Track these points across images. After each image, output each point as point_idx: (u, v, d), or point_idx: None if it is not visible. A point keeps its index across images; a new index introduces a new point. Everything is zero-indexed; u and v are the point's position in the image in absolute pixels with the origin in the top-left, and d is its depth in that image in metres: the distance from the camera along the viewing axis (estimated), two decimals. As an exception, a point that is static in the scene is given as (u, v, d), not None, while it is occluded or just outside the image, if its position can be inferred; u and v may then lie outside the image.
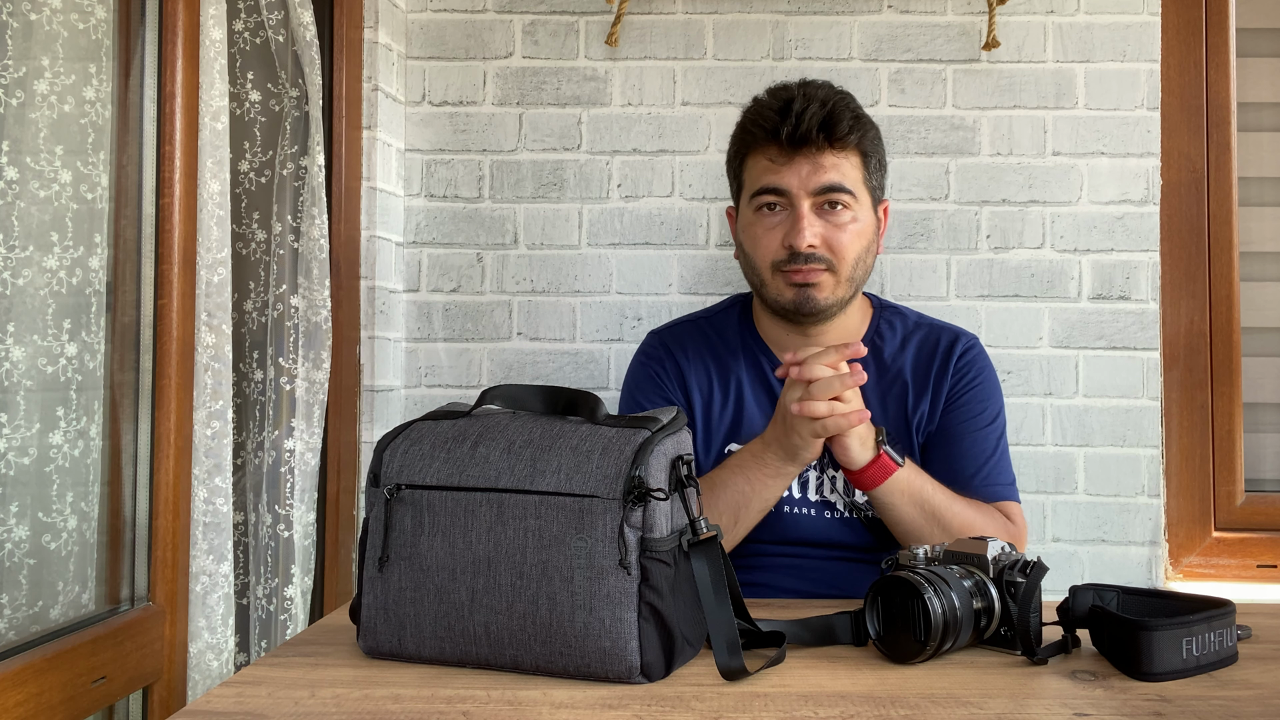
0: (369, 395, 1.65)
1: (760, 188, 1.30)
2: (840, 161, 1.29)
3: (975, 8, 1.76)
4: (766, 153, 1.30)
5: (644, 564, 0.84)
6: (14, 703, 0.92)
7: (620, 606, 0.83)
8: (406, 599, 0.89)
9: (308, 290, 1.42)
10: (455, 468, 0.90)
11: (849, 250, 1.29)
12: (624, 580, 0.83)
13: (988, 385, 1.38)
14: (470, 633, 0.87)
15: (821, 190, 1.28)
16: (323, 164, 1.44)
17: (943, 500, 1.23)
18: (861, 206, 1.31)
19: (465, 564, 0.87)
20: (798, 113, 1.27)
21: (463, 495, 0.88)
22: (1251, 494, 1.81)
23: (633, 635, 0.83)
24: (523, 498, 0.86)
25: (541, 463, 0.87)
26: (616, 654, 0.83)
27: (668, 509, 0.86)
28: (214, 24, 1.22)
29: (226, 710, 0.76)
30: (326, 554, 1.56)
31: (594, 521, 0.84)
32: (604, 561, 0.83)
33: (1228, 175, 1.81)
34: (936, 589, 0.87)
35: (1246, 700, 0.78)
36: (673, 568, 0.85)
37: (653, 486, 0.84)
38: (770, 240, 1.30)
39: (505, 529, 0.86)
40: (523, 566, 0.85)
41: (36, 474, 1.04)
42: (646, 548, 0.84)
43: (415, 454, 0.92)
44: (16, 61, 1.01)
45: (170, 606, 1.17)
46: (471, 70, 1.79)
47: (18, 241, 1.01)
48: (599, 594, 0.83)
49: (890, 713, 0.75)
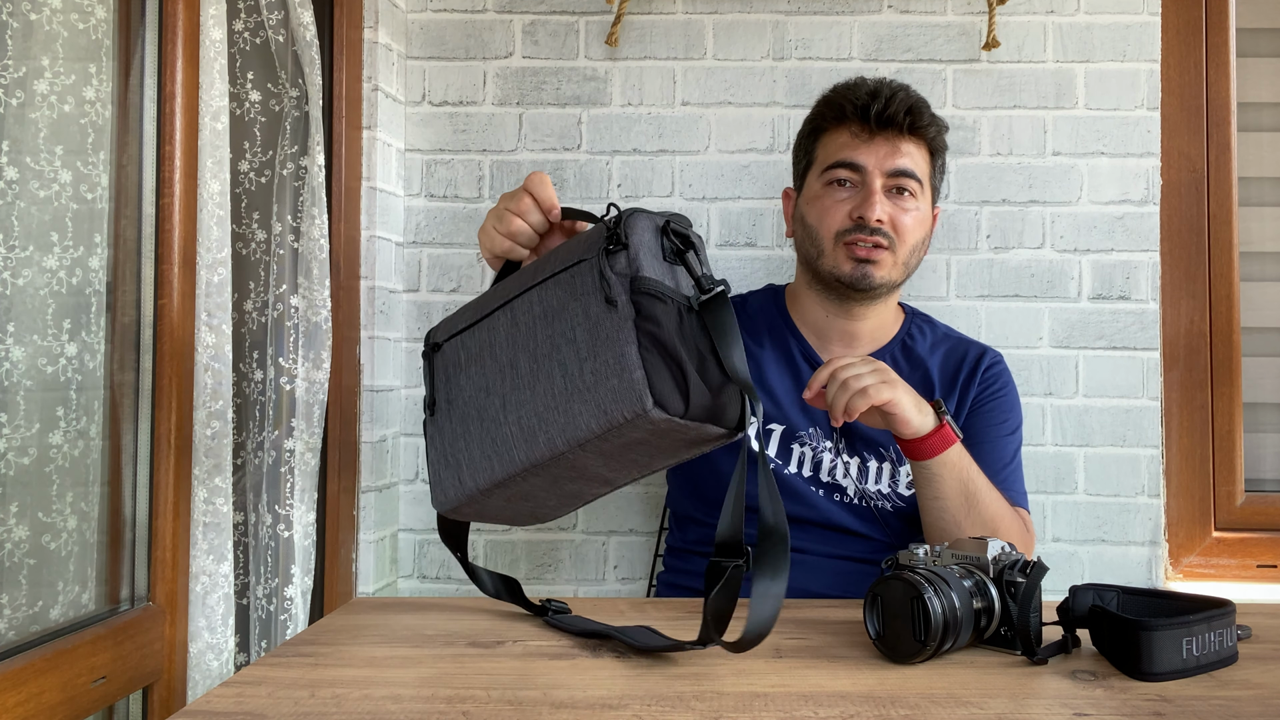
0: (369, 395, 1.65)
1: (837, 161, 1.35)
2: (915, 151, 1.35)
3: (975, 8, 1.76)
4: (849, 128, 1.35)
5: (635, 301, 0.82)
6: (14, 703, 0.92)
7: (620, 343, 0.82)
8: (457, 435, 0.94)
9: (308, 290, 1.42)
10: (474, 310, 0.96)
11: (911, 234, 1.35)
12: (616, 318, 0.82)
13: (1011, 398, 1.42)
14: (508, 437, 0.89)
15: (895, 173, 1.34)
16: (323, 164, 1.44)
17: (983, 485, 1.23)
18: (924, 198, 1.37)
19: (494, 376, 0.91)
20: (888, 96, 1.33)
21: (481, 324, 0.94)
22: (1251, 494, 1.81)
23: (636, 365, 0.81)
24: (529, 294, 0.90)
25: (543, 266, 0.91)
26: (625, 390, 0.81)
27: (660, 264, 0.84)
28: (214, 24, 1.22)
29: (226, 710, 0.76)
30: (326, 554, 1.56)
31: (585, 279, 0.85)
32: (597, 310, 0.83)
33: (1228, 175, 1.81)
34: (936, 589, 0.87)
35: (1246, 700, 0.78)
36: (674, 308, 0.82)
37: (634, 237, 0.83)
38: (839, 211, 1.34)
39: (518, 328, 0.90)
40: (536, 350, 0.88)
41: (36, 474, 1.03)
42: (637, 286, 0.82)
43: (450, 321, 1.00)
44: (16, 61, 1.01)
45: (170, 606, 1.17)
46: (471, 70, 1.79)
47: (18, 241, 1.01)
48: (599, 339, 0.83)
49: (890, 713, 0.75)
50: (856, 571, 1.31)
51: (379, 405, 1.68)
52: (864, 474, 1.34)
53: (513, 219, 1.02)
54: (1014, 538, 1.23)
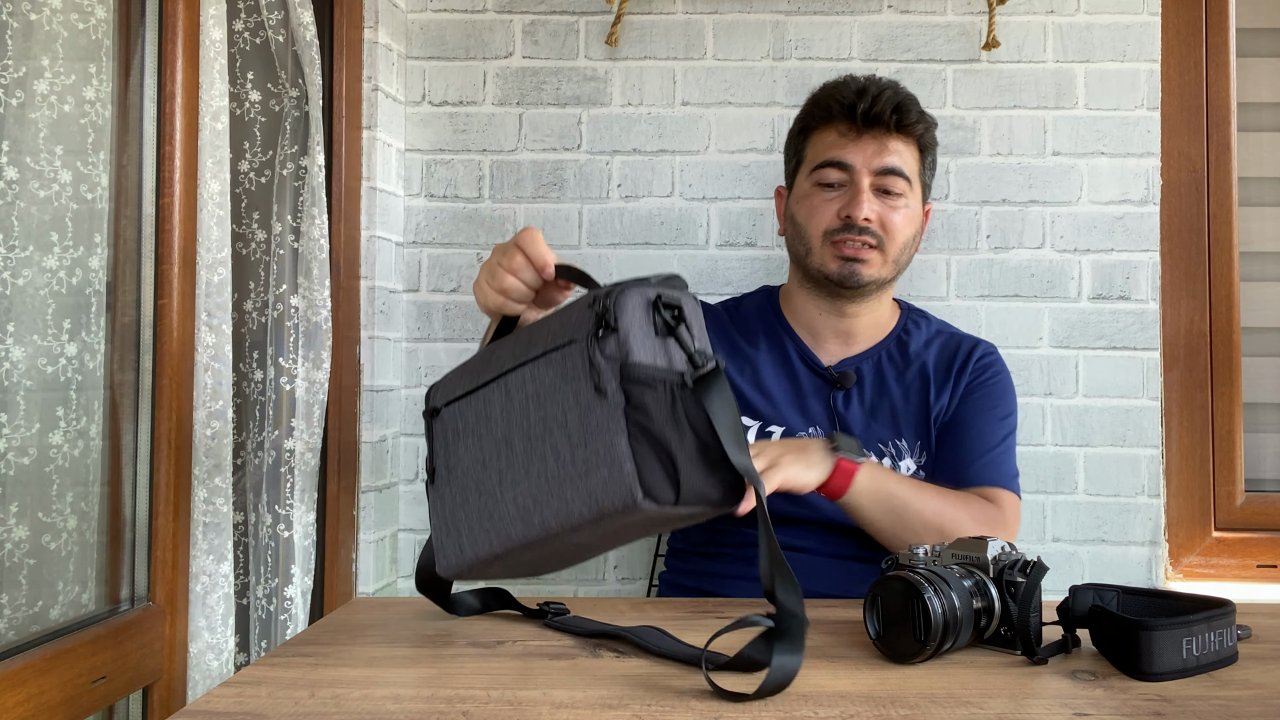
0: (369, 395, 1.65)
1: (825, 160, 1.36)
2: (903, 149, 1.36)
3: (975, 8, 1.76)
4: (836, 128, 1.36)
5: (625, 389, 0.81)
6: (14, 703, 0.92)
7: (610, 433, 0.81)
8: (456, 504, 0.93)
9: (308, 290, 1.42)
10: (473, 376, 0.94)
11: (900, 232, 1.35)
12: (606, 406, 0.81)
13: (1003, 386, 1.41)
14: (505, 513, 0.89)
15: (883, 171, 1.34)
16: (323, 164, 1.44)
17: (909, 493, 1.22)
18: (914, 196, 1.37)
19: (490, 450, 0.90)
20: (874, 95, 1.33)
21: (478, 393, 0.92)
22: (1251, 494, 1.81)
23: (627, 457, 0.80)
24: (520, 371, 0.88)
25: (536, 338, 0.89)
26: (616, 481, 0.80)
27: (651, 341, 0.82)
28: (214, 24, 1.22)
29: (226, 710, 0.76)
30: (326, 554, 1.56)
31: (575, 362, 0.83)
32: (587, 396, 0.82)
33: (1228, 175, 1.81)
34: (936, 589, 0.87)
35: (1246, 700, 0.78)
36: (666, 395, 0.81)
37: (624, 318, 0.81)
38: (827, 210, 1.35)
39: (512, 403, 0.89)
40: (529, 429, 0.87)
41: (36, 474, 1.03)
42: (627, 373, 0.81)
43: (449, 382, 0.98)
44: (16, 61, 1.01)
45: (170, 606, 1.17)
46: (471, 70, 1.79)
47: (18, 241, 1.01)
48: (590, 427, 0.82)
49: (890, 713, 0.75)
50: (856, 571, 1.31)
51: (379, 405, 1.68)
52: None
53: (505, 276, 1.00)
54: (965, 526, 1.22)
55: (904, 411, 1.36)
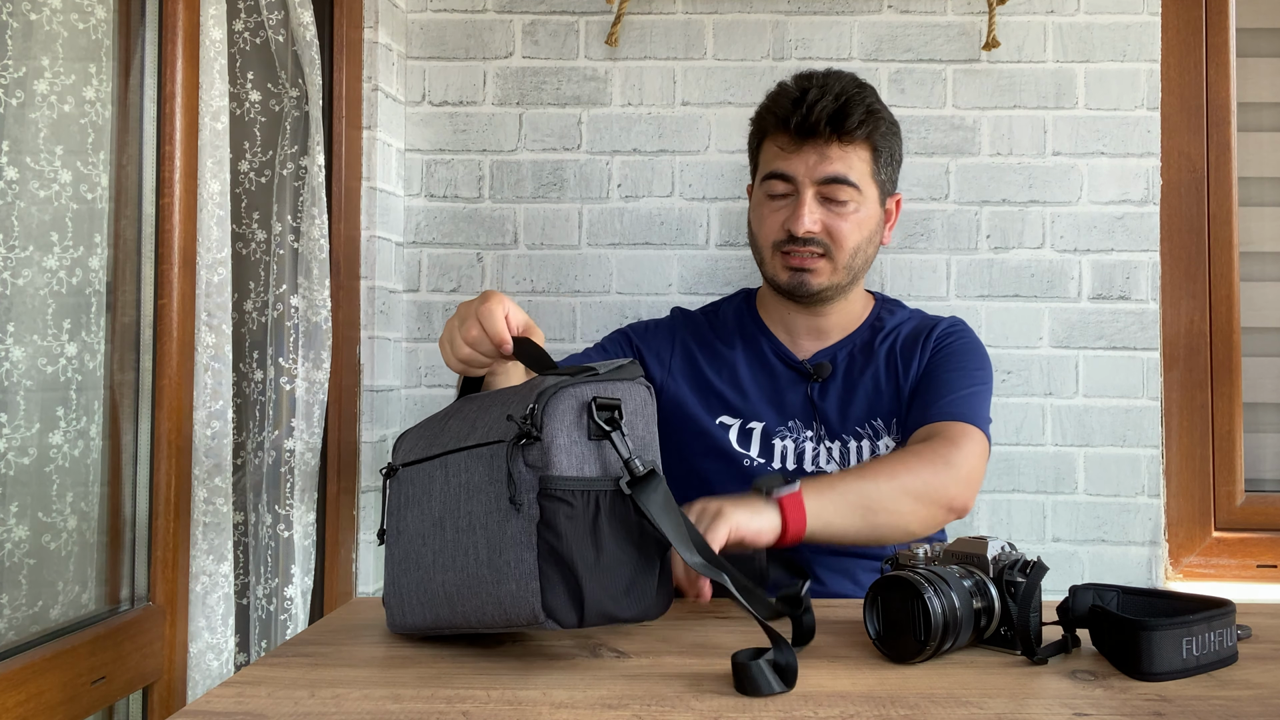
0: (369, 395, 1.65)
1: (769, 172, 1.36)
2: (848, 154, 1.33)
3: (975, 8, 1.76)
4: (778, 139, 1.36)
5: (541, 503, 0.80)
6: (14, 703, 0.92)
7: (521, 547, 0.80)
8: (400, 570, 0.93)
9: (308, 290, 1.42)
10: (427, 444, 0.93)
11: (848, 239, 1.34)
12: (521, 519, 0.80)
13: (969, 346, 1.40)
14: (435, 594, 0.88)
15: (825, 180, 1.33)
16: (323, 164, 1.44)
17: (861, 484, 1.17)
18: (866, 199, 1.35)
19: (428, 527, 0.90)
20: (809, 104, 1.31)
21: (425, 465, 0.91)
22: (1251, 494, 1.81)
23: (533, 575, 0.80)
24: (458, 455, 0.88)
25: (479, 421, 0.88)
26: (521, 596, 0.80)
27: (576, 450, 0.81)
28: (214, 24, 1.22)
29: (226, 710, 0.76)
30: (326, 554, 1.56)
31: (499, 466, 0.82)
32: (505, 504, 0.81)
33: (1228, 175, 1.81)
34: (936, 589, 0.87)
35: (1246, 700, 0.78)
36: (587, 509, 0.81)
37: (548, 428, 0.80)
38: (773, 222, 1.36)
39: (449, 487, 0.88)
40: (459, 520, 0.86)
41: (36, 474, 1.04)
42: (545, 486, 0.80)
43: (412, 439, 0.97)
44: (16, 61, 1.01)
45: (170, 606, 1.17)
46: (471, 70, 1.79)
47: (18, 241, 1.01)
48: (505, 537, 0.82)
49: (890, 713, 0.75)
50: (854, 564, 1.32)
51: (379, 405, 1.68)
52: (846, 455, 1.35)
53: (462, 346, 0.99)
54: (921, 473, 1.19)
55: (878, 393, 1.37)
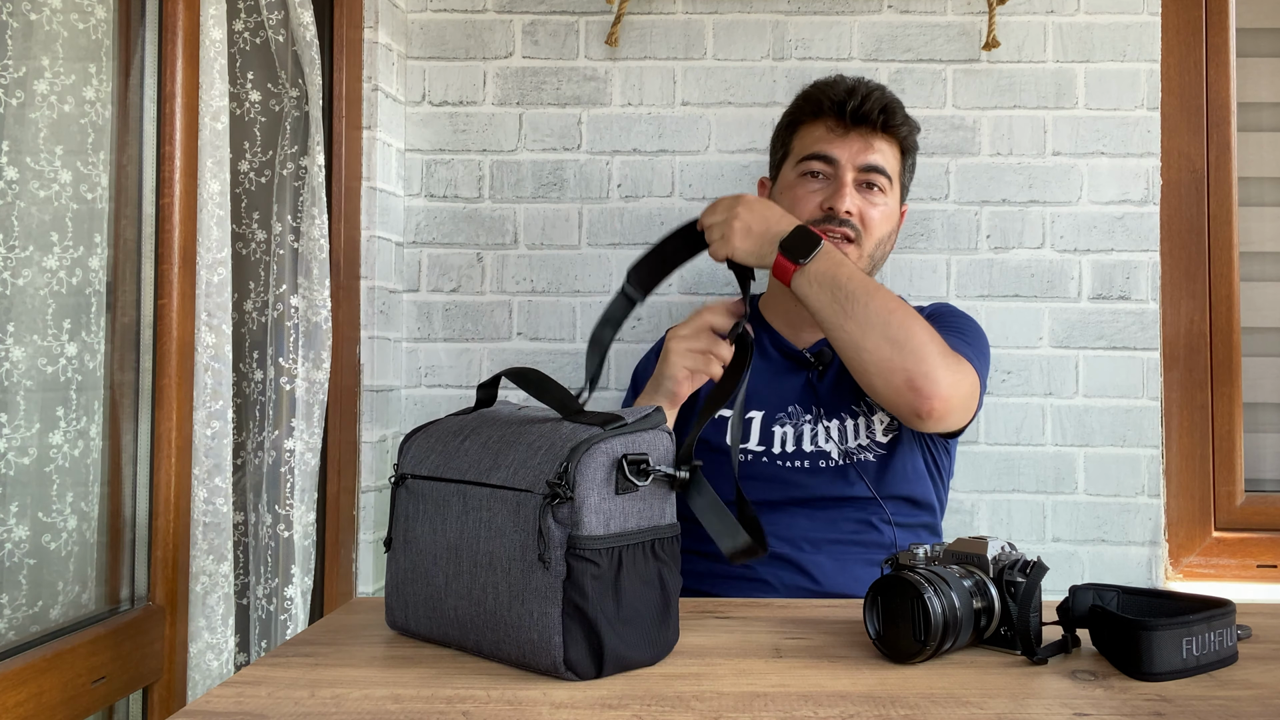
0: (369, 395, 1.65)
1: (811, 153, 1.40)
2: (887, 148, 1.41)
3: (975, 8, 1.76)
4: (825, 123, 1.40)
5: (569, 561, 0.82)
6: (14, 703, 0.92)
7: (545, 601, 0.83)
8: (407, 579, 0.95)
9: (308, 290, 1.42)
10: (442, 460, 0.94)
11: (878, 228, 1.39)
12: (548, 575, 0.83)
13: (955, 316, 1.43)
14: (445, 615, 0.91)
15: (866, 168, 1.38)
16: (323, 164, 1.44)
17: (859, 287, 1.21)
18: (892, 195, 1.42)
19: (441, 550, 0.91)
20: (863, 94, 1.38)
21: (441, 485, 0.92)
22: (1251, 494, 1.81)
23: (556, 630, 0.83)
24: (480, 490, 0.89)
25: (502, 457, 0.89)
26: (543, 646, 0.83)
27: (604, 507, 0.84)
28: (214, 24, 1.22)
29: (226, 710, 0.76)
30: (326, 554, 1.56)
31: (527, 515, 0.85)
32: (533, 555, 0.84)
33: (1228, 175, 1.81)
34: (936, 589, 0.87)
35: (1246, 700, 0.78)
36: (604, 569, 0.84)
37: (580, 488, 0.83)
38: (810, 201, 1.39)
39: (468, 519, 0.89)
40: (477, 555, 0.88)
41: (36, 474, 1.03)
42: (574, 545, 0.83)
43: (423, 447, 0.97)
44: (16, 61, 1.01)
45: (170, 606, 1.17)
46: (471, 70, 1.79)
47: (18, 241, 1.01)
48: (529, 587, 0.84)
49: (890, 713, 0.75)
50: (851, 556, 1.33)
51: (379, 405, 1.68)
52: (844, 434, 1.37)
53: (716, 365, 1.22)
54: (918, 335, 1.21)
55: None
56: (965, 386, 1.25)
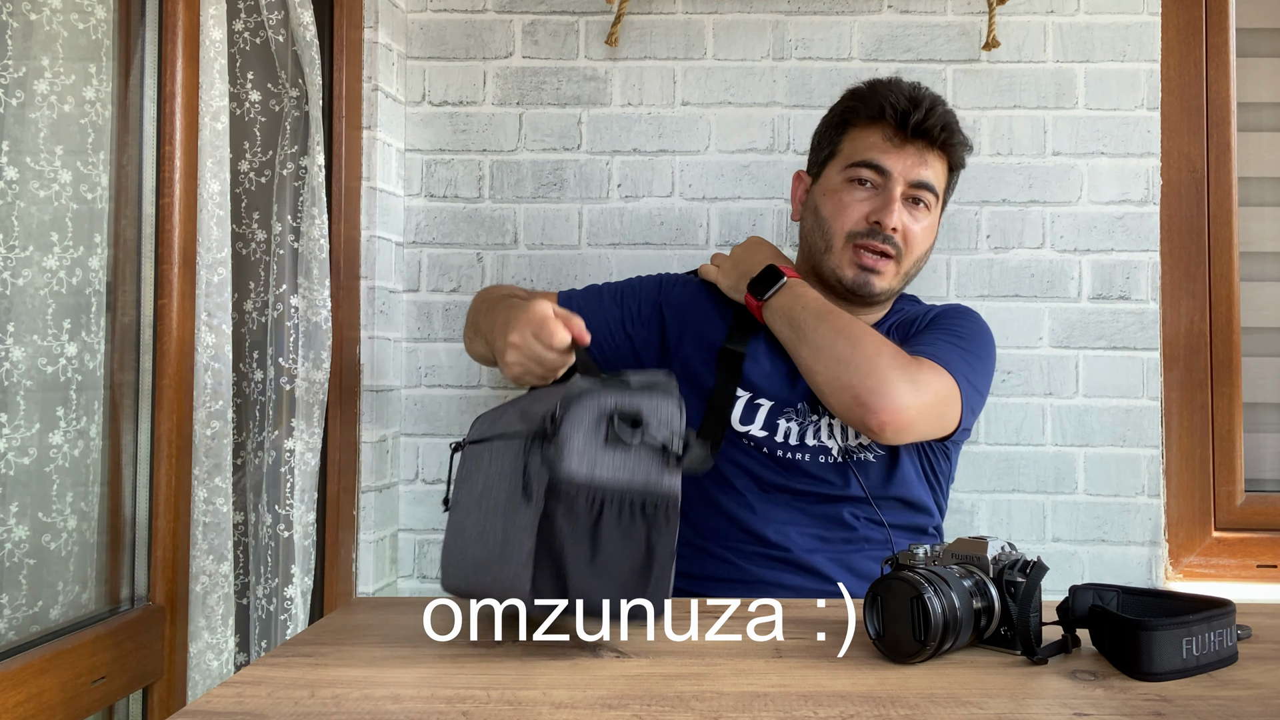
0: (369, 395, 1.65)
1: (863, 160, 1.35)
2: (938, 167, 1.37)
3: (975, 8, 1.76)
4: (882, 130, 1.35)
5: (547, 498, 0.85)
6: (14, 703, 0.92)
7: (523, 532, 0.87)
8: (452, 537, 1.04)
9: (308, 290, 1.42)
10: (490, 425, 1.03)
11: (918, 246, 1.37)
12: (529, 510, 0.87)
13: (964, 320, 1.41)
14: (475, 561, 0.97)
15: (917, 184, 1.35)
16: (323, 164, 1.44)
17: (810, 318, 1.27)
18: (935, 212, 1.40)
19: (473, 502, 1.00)
20: (927, 107, 1.33)
21: (479, 446, 1.02)
22: (1251, 494, 1.81)
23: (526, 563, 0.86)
24: (499, 441, 0.97)
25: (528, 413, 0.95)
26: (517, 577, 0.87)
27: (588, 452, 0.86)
28: (214, 24, 1.22)
29: (226, 710, 0.76)
30: (326, 554, 1.56)
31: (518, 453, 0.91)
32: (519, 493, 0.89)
33: (1228, 175, 1.81)
34: (936, 589, 0.87)
35: (1246, 700, 0.78)
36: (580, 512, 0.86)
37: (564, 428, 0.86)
38: (855, 211, 1.35)
39: (491, 470, 0.98)
40: (494, 500, 0.95)
41: (36, 474, 1.04)
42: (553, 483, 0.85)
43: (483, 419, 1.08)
44: (16, 61, 1.01)
45: (170, 606, 1.17)
46: (471, 70, 1.79)
47: (18, 241, 1.01)
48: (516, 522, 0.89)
49: (890, 713, 0.75)
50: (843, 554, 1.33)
51: (379, 405, 1.68)
52: (846, 433, 1.35)
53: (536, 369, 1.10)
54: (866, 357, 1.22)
55: None
56: (927, 396, 1.23)
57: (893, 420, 1.20)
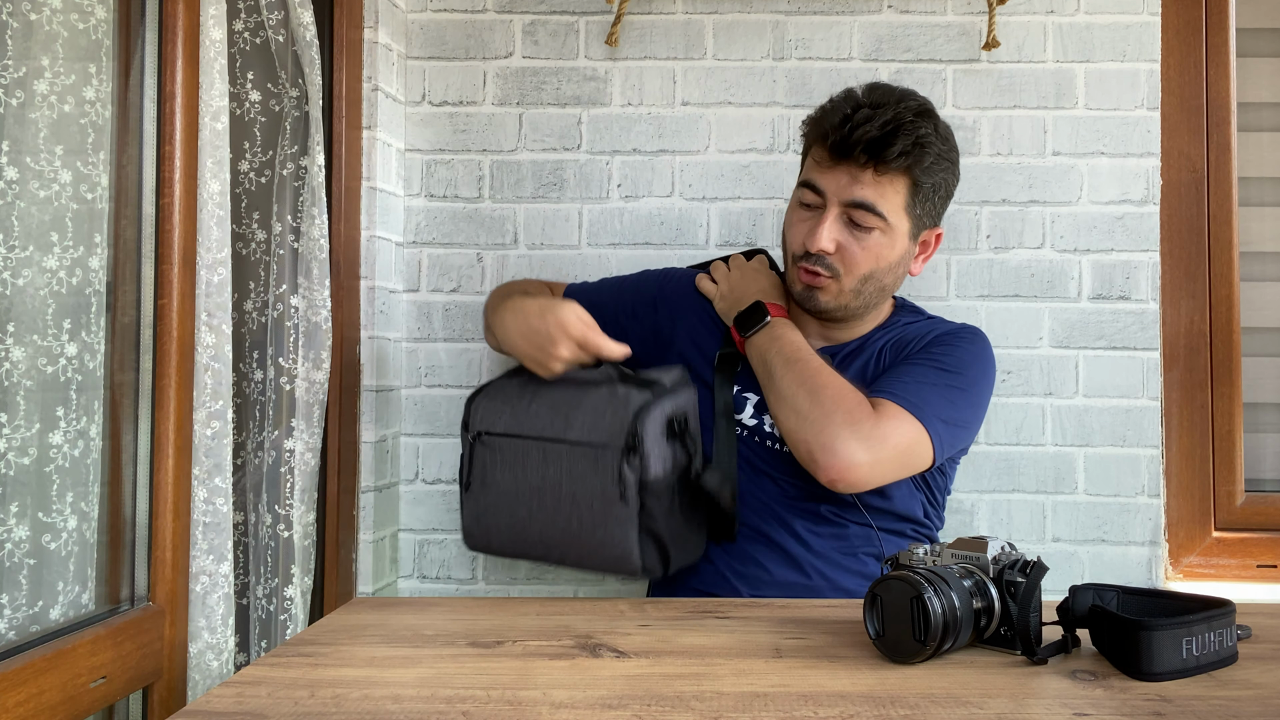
0: (369, 395, 1.65)
1: (804, 180, 1.36)
2: (881, 183, 1.28)
3: (975, 8, 1.76)
4: (820, 150, 1.32)
5: (642, 497, 1.16)
6: (14, 703, 0.92)
7: (625, 525, 1.16)
8: (488, 514, 1.25)
9: (308, 290, 1.42)
10: (515, 420, 1.23)
11: (859, 264, 1.31)
12: (626, 509, 1.15)
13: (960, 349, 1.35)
14: (530, 539, 1.22)
15: (851, 204, 1.30)
16: (323, 164, 1.44)
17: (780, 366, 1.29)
18: (894, 231, 1.31)
19: (524, 490, 1.21)
20: (852, 126, 1.26)
21: (520, 441, 1.22)
22: (1251, 494, 1.81)
23: (634, 548, 1.16)
24: (558, 445, 1.19)
25: (573, 418, 1.20)
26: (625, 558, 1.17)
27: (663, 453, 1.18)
28: (214, 24, 1.22)
29: (226, 710, 0.76)
30: (326, 554, 1.56)
31: (607, 465, 1.16)
32: (612, 493, 1.15)
33: (1228, 175, 1.81)
34: (936, 589, 0.87)
35: (1246, 700, 0.78)
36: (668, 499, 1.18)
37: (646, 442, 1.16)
38: (797, 232, 1.36)
39: (548, 467, 1.20)
40: (560, 493, 1.19)
41: (36, 474, 1.03)
42: (644, 485, 1.16)
43: (490, 408, 1.27)
44: (16, 61, 1.01)
45: (170, 606, 1.17)
46: (471, 70, 1.79)
47: (18, 241, 1.01)
48: (611, 517, 1.16)
49: (890, 713, 0.75)
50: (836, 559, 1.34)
51: (379, 405, 1.68)
52: None
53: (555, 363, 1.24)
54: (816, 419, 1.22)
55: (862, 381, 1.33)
56: (884, 450, 1.22)
57: (843, 477, 1.21)
